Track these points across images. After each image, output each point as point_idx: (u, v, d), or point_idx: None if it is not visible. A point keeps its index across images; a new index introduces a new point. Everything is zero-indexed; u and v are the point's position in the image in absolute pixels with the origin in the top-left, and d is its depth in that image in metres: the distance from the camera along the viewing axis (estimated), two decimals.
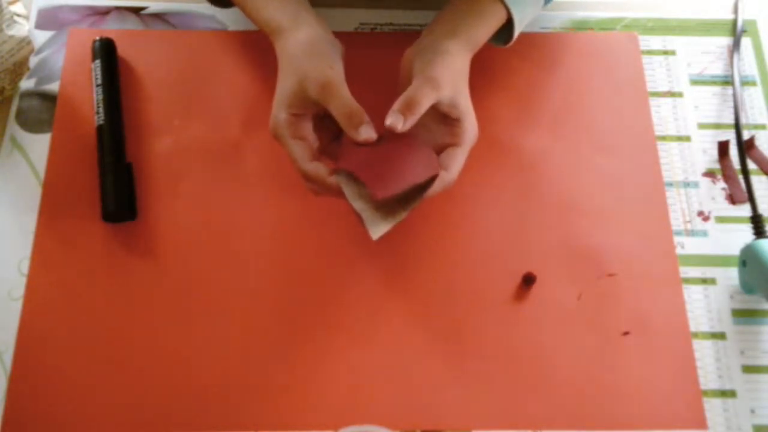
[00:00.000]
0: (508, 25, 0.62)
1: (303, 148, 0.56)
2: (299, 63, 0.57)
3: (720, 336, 0.60)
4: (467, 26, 0.60)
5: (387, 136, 0.56)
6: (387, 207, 0.55)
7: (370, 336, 0.59)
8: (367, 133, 0.54)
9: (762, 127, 0.69)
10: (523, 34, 0.65)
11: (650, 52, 0.72)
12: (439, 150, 0.58)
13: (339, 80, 0.56)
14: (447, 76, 0.56)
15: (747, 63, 0.72)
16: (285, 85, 0.57)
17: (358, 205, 0.55)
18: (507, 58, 0.67)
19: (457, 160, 0.57)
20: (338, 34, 0.61)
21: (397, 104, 0.55)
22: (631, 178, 0.66)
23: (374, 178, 0.54)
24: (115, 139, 0.65)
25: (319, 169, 0.56)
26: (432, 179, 0.55)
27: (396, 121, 0.54)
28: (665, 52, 0.73)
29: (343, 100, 0.55)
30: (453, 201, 0.60)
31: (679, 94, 0.71)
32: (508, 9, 0.61)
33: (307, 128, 0.57)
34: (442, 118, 0.58)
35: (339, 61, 0.59)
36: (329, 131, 0.58)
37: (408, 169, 0.55)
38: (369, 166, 0.55)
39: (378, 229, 0.54)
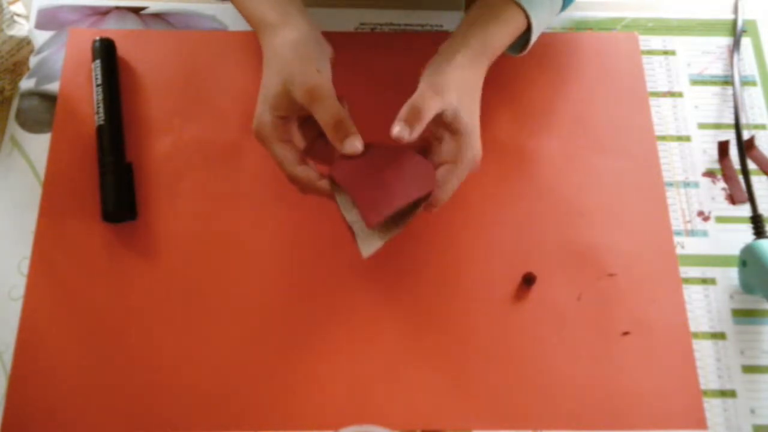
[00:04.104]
0: (524, 33, 0.60)
1: (290, 152, 0.55)
2: (285, 63, 0.54)
3: (720, 336, 0.60)
4: (482, 33, 0.57)
5: (379, 143, 0.54)
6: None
7: (370, 336, 0.59)
8: (352, 146, 0.52)
9: (762, 127, 0.69)
10: None
11: (650, 52, 0.72)
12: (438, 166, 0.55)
13: (326, 86, 0.53)
14: (452, 83, 0.54)
15: (747, 63, 0.72)
16: (270, 85, 0.55)
17: (350, 216, 0.54)
18: (506, 58, 0.67)
19: (447, 179, 0.54)
20: (338, 34, 0.61)
21: (402, 112, 0.52)
22: (631, 178, 0.66)
23: (368, 201, 0.52)
24: (115, 139, 0.65)
25: (308, 173, 0.55)
26: (428, 195, 0.53)
27: (402, 131, 0.51)
28: (665, 52, 0.73)
29: (329, 108, 0.52)
30: (453, 201, 0.60)
31: (679, 94, 0.71)
32: (527, 13, 0.58)
33: (293, 130, 0.55)
34: (450, 129, 0.55)
35: (327, 65, 0.56)
36: (313, 129, 0.56)
37: (403, 185, 0.53)
38: (362, 184, 0.53)
39: (369, 247, 0.53)
